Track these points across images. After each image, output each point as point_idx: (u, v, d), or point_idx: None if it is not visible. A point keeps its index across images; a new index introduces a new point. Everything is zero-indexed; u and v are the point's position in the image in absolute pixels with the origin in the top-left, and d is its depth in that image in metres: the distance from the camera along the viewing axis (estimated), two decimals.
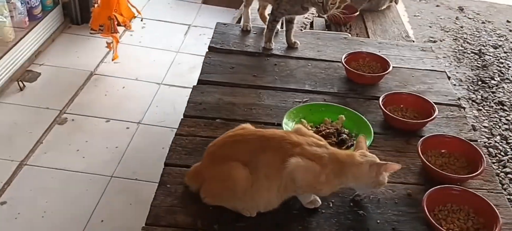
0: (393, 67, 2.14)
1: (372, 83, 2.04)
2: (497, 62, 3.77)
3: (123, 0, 3.26)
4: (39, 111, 2.90)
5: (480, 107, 3.25)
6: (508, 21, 4.48)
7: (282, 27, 2.36)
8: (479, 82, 3.51)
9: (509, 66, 3.73)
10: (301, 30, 2.84)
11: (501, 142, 2.93)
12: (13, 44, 3.13)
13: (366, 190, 1.43)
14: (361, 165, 1.34)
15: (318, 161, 1.33)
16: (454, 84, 3.39)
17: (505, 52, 3.93)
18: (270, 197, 1.36)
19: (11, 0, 3.16)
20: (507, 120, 3.14)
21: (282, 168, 1.31)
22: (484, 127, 3.06)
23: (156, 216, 1.38)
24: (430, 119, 1.75)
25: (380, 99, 1.82)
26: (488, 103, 3.29)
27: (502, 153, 2.85)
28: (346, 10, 2.82)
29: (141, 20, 3.91)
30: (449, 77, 2.18)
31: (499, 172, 2.68)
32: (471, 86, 3.47)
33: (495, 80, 3.54)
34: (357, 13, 2.94)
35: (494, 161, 2.77)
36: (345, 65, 2.05)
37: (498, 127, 3.06)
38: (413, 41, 2.89)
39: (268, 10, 2.36)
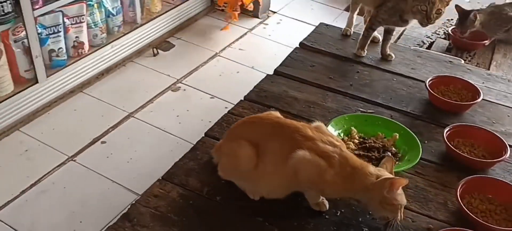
0: (491, 102, 1.90)
1: (453, 112, 1.83)
2: None
3: None
4: (160, 76, 3.27)
5: None
6: None
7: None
8: None
9: None
10: (419, 46, 2.66)
11: None
12: (157, 15, 3.57)
13: (378, 209, 1.31)
14: (370, 175, 1.25)
15: (326, 159, 1.28)
16: None
17: None
18: (273, 184, 1.35)
19: None
20: None
21: (288, 158, 1.29)
22: None
23: (173, 173, 1.49)
24: (498, 159, 1.51)
25: (446, 129, 1.64)
26: None
27: None
28: (475, 37, 2.60)
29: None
30: None
31: None
32: None
33: None
34: (487, 41, 2.63)
35: None
36: (427, 86, 1.87)
37: None
38: None
39: None
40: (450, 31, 2.62)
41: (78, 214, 2.28)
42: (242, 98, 1.89)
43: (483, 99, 1.84)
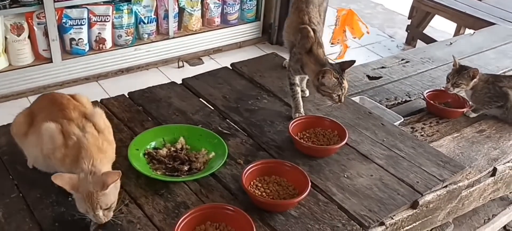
0: None
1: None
2: None
3: (355, 20, 4.13)
4: None
5: None
6: None
7: None
8: None
9: None
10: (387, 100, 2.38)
11: None
12: (193, 33, 3.82)
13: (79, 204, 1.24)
14: (82, 170, 1.24)
15: (66, 138, 1.31)
16: None
17: None
18: (36, 154, 1.41)
19: (206, 0, 3.85)
20: None
21: (39, 128, 1.35)
22: None
23: None
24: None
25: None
26: None
27: None
28: (450, 101, 2.23)
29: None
30: None
31: None
32: None
33: None
34: (466, 110, 2.20)
35: None
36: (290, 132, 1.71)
37: None
38: None
39: None
40: (425, 96, 2.28)
41: None
42: (126, 94, 1.97)
43: None
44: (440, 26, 5.32)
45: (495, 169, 1.88)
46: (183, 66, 3.76)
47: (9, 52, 3.10)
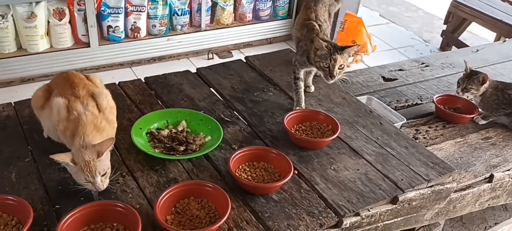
0: None
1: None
2: None
3: (361, 31, 3.92)
4: None
5: None
6: None
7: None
8: None
9: None
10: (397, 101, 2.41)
11: None
12: (224, 27, 3.96)
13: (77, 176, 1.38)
14: (75, 144, 1.38)
15: (70, 113, 1.47)
16: None
17: None
18: (49, 126, 1.58)
19: None
20: None
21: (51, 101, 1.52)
22: None
23: None
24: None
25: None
26: None
27: None
28: (462, 107, 2.25)
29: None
30: None
31: None
32: None
33: None
34: (475, 115, 2.22)
35: None
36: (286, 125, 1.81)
37: None
38: None
39: None
40: (434, 100, 2.30)
41: None
42: (142, 79, 2.12)
43: None
44: (482, 33, 5.20)
45: (492, 176, 1.89)
46: (212, 58, 3.91)
47: (51, 35, 3.36)
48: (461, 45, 4.41)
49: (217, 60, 3.88)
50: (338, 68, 1.77)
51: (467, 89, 2.20)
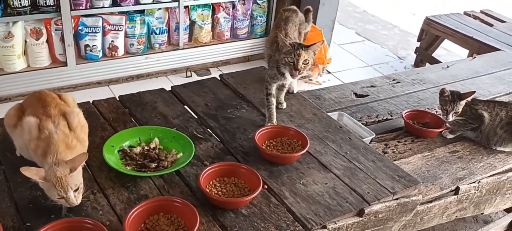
0: None
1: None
2: None
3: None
4: None
5: None
6: None
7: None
8: None
9: None
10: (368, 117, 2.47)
11: None
12: (202, 46, 4.01)
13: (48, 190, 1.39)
14: (46, 163, 1.40)
15: (41, 132, 1.49)
16: None
17: None
18: (21, 144, 1.59)
19: (216, 15, 4.04)
20: None
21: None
22: None
23: None
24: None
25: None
26: None
27: None
28: (429, 121, 2.31)
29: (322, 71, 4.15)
30: None
31: None
32: None
33: None
34: (442, 129, 2.28)
35: None
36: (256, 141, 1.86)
37: None
38: None
39: None
40: (403, 115, 2.36)
41: None
42: (117, 97, 2.15)
43: None
44: (455, 50, 5.34)
45: (458, 188, 1.95)
46: (191, 75, 3.95)
47: (28, 54, 3.37)
48: (434, 61, 4.53)
49: (195, 78, 3.93)
50: (303, 63, 1.83)
51: (456, 112, 2.22)
